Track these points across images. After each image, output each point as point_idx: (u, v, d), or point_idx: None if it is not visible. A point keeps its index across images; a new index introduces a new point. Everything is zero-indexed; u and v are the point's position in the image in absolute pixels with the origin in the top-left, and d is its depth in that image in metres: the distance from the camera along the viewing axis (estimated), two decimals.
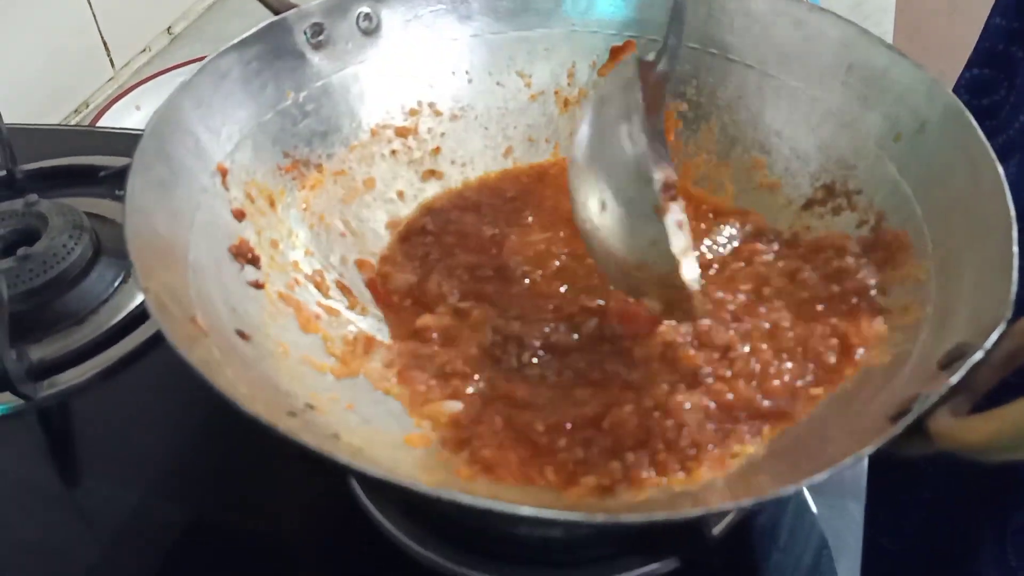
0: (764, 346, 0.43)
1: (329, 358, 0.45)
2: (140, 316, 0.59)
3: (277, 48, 0.52)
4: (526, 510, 0.28)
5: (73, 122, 0.96)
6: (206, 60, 0.48)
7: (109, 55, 1.02)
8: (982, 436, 0.27)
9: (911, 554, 0.71)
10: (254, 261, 0.46)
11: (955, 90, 0.66)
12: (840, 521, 0.48)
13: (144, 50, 1.07)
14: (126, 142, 0.74)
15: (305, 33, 0.53)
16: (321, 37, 0.54)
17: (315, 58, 0.54)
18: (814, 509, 0.49)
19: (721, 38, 0.56)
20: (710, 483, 0.36)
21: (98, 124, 0.90)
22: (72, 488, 0.53)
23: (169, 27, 1.11)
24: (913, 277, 0.42)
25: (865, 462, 0.51)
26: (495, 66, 0.59)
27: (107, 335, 0.58)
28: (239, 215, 0.47)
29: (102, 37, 1.00)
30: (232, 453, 0.53)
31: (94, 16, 0.98)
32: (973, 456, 0.28)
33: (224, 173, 0.47)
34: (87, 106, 0.99)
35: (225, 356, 0.37)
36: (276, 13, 0.54)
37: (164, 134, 0.44)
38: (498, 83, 0.60)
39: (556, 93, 0.60)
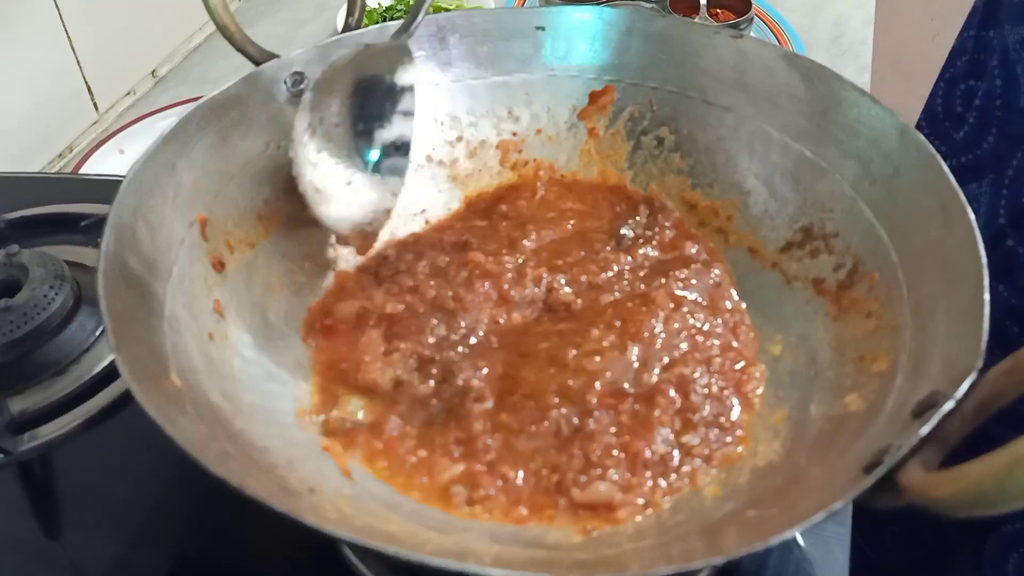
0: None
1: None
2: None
3: (258, 98, 0.52)
4: (496, 572, 0.28)
5: (57, 167, 0.96)
6: (186, 113, 0.48)
7: (93, 99, 1.02)
8: (946, 493, 0.27)
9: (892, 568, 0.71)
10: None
11: (931, 103, 0.66)
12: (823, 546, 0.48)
13: (128, 93, 1.08)
14: (108, 189, 0.72)
15: (286, 83, 0.54)
16: (302, 86, 0.54)
17: (295, 107, 0.54)
18: (801, 542, 0.49)
19: (698, 82, 0.56)
20: (684, 534, 0.36)
21: (82, 168, 0.90)
22: (54, 541, 0.53)
23: (154, 70, 1.12)
24: (889, 323, 0.42)
25: None
26: (475, 111, 0.60)
27: (88, 385, 0.58)
28: (218, 265, 0.47)
29: (85, 81, 1.00)
30: (214, 503, 0.52)
31: (77, 59, 0.98)
32: (939, 512, 0.28)
33: (204, 223, 0.47)
34: (71, 150, 0.99)
35: (200, 412, 0.36)
36: (257, 64, 0.54)
37: (142, 188, 0.44)
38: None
39: (538, 132, 0.61)
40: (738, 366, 0.48)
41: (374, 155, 0.53)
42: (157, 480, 0.55)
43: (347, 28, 0.60)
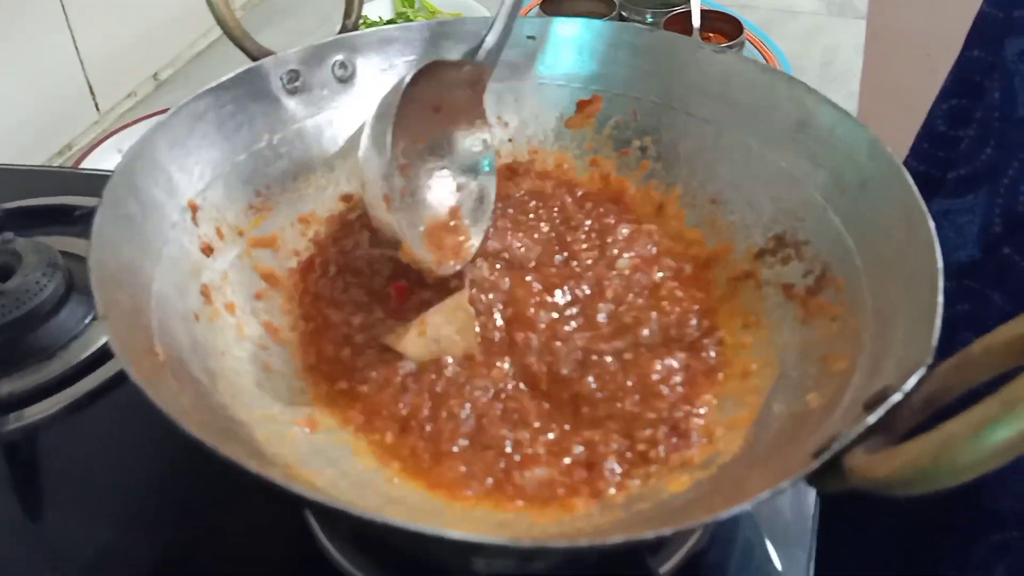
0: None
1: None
2: (109, 352, 0.60)
3: (253, 92, 0.54)
4: (454, 534, 0.29)
5: (56, 163, 0.98)
6: (182, 102, 0.50)
7: (94, 99, 1.04)
8: (885, 472, 0.29)
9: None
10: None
11: (930, 120, 0.67)
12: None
13: (130, 95, 1.09)
14: (103, 182, 0.75)
15: (281, 79, 0.56)
16: (297, 83, 0.56)
17: (290, 103, 0.56)
18: (770, 547, 0.50)
19: (681, 94, 0.58)
20: (644, 518, 0.38)
21: (80, 166, 0.92)
22: (37, 522, 0.54)
23: (156, 73, 1.13)
24: (852, 327, 0.44)
25: (813, 503, 0.52)
26: None
27: (76, 370, 0.59)
28: (207, 250, 0.49)
29: (88, 81, 1.02)
30: (197, 487, 0.53)
31: (80, 60, 1.00)
32: (880, 491, 0.29)
33: (195, 209, 0.49)
34: (71, 148, 1.01)
35: (181, 385, 0.38)
36: (254, 59, 0.56)
37: (136, 170, 0.45)
38: None
39: (527, 139, 0.62)
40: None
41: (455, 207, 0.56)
42: (141, 464, 0.56)
43: (344, 30, 0.62)
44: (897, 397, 0.33)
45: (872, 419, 0.33)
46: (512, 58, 0.61)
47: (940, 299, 0.37)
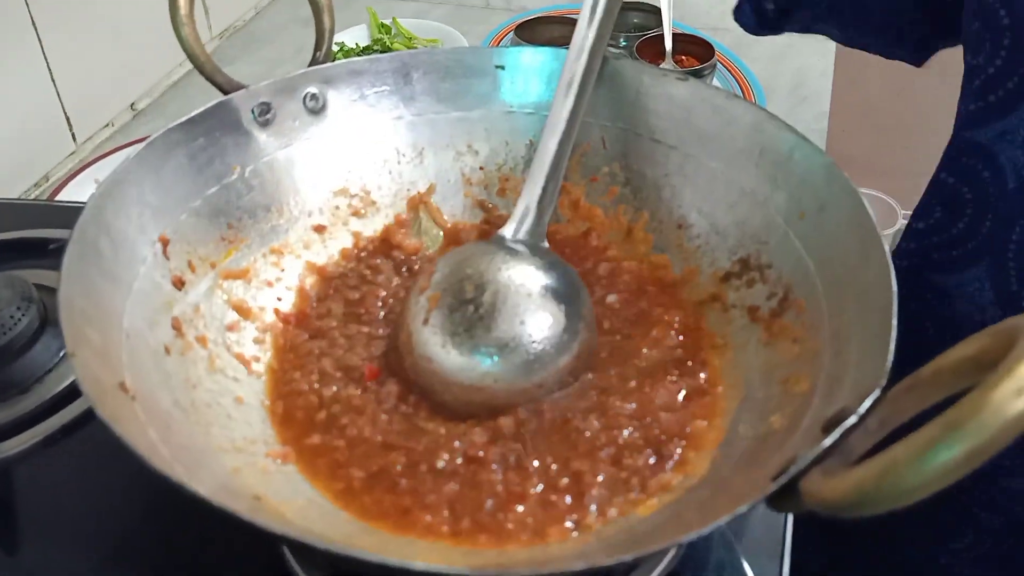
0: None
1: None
2: None
3: (224, 125, 0.55)
4: (419, 565, 0.30)
5: (33, 195, 0.98)
6: (153, 135, 0.51)
7: (71, 129, 1.04)
8: (835, 496, 0.29)
9: None
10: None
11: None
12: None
13: (107, 125, 1.10)
14: (77, 215, 0.76)
15: (252, 111, 0.56)
16: (268, 115, 0.57)
17: (261, 135, 0.57)
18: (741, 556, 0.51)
19: (647, 120, 0.59)
20: (608, 537, 0.38)
21: (57, 197, 0.93)
22: (13, 555, 0.54)
23: (133, 103, 1.14)
24: (812, 348, 0.45)
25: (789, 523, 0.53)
26: (436, 144, 0.62)
27: (50, 404, 0.60)
28: (178, 283, 0.49)
29: (65, 112, 1.03)
30: (174, 519, 0.54)
31: (57, 92, 1.01)
32: (833, 514, 0.30)
33: (165, 243, 0.49)
34: (47, 179, 1.01)
35: (149, 418, 0.38)
36: (225, 92, 0.56)
37: (106, 205, 0.46)
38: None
39: (498, 167, 0.63)
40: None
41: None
42: (116, 497, 0.56)
43: (315, 62, 0.62)
44: (852, 420, 0.34)
45: (827, 442, 0.33)
46: (481, 89, 0.62)
47: (894, 322, 0.38)
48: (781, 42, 1.29)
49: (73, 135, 1.05)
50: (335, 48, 1.20)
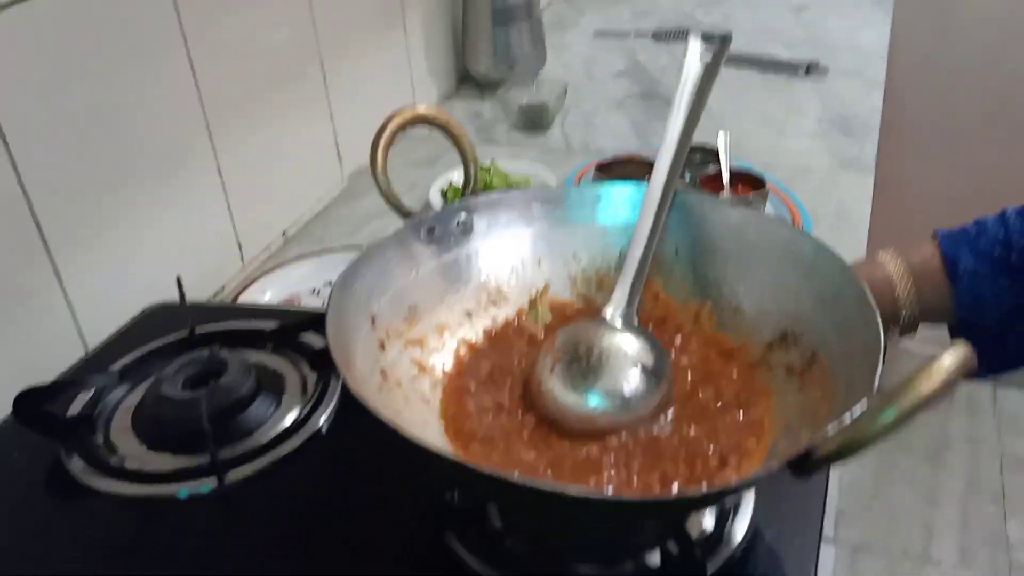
0: None
1: None
2: (288, 431, 0.82)
3: (406, 241, 0.77)
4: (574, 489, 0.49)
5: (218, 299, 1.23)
6: (363, 250, 0.73)
7: (241, 251, 1.30)
8: (832, 448, 0.48)
9: None
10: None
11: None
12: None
13: (265, 248, 1.36)
14: (263, 313, 1.00)
15: (422, 232, 0.79)
16: (433, 234, 0.79)
17: (429, 248, 0.79)
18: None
19: (709, 236, 0.80)
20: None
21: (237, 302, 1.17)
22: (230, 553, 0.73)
23: (284, 231, 1.40)
24: (831, 393, 0.64)
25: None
26: (551, 254, 0.84)
27: (267, 445, 0.81)
28: (381, 346, 0.71)
29: (237, 238, 1.29)
30: (347, 527, 0.73)
31: (233, 223, 1.27)
32: (830, 461, 0.49)
33: (373, 320, 0.71)
34: (223, 290, 1.26)
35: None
36: (403, 216, 0.79)
37: (340, 297, 0.68)
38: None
39: (596, 270, 0.84)
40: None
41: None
42: (321, 510, 0.76)
43: (464, 195, 0.86)
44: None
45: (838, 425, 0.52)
46: (583, 214, 0.84)
47: (879, 372, 0.57)
48: (825, 175, 1.50)
49: (242, 256, 1.30)
50: (444, 186, 1.44)
